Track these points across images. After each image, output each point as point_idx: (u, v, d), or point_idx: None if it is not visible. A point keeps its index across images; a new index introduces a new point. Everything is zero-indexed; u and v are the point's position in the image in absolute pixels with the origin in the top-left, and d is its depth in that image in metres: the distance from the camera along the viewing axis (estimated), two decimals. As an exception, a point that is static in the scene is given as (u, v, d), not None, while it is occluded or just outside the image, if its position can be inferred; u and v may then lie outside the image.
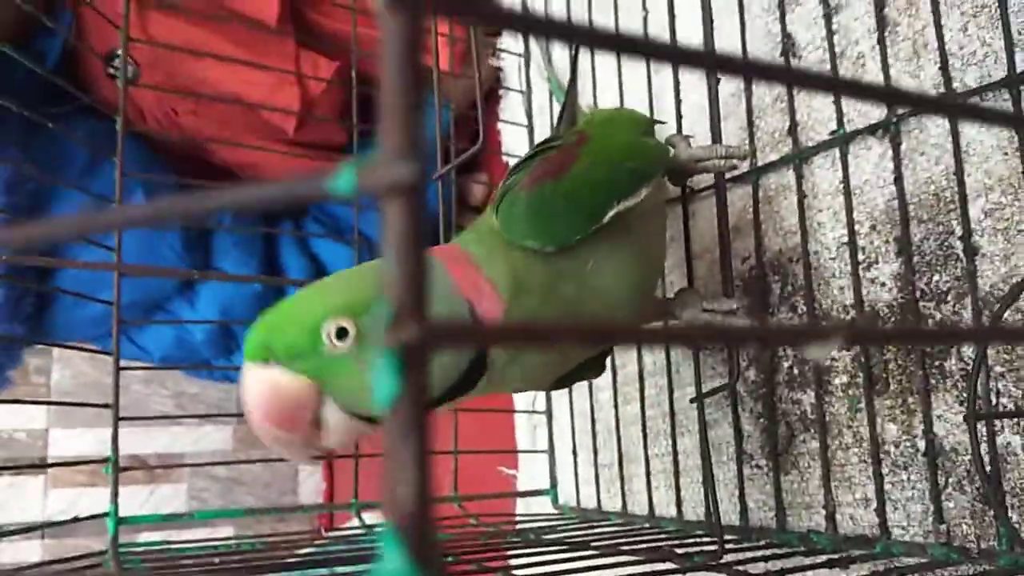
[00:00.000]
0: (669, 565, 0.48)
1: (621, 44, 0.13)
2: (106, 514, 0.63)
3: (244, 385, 0.36)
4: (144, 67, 0.76)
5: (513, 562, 0.54)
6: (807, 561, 0.47)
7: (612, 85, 0.72)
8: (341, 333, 0.35)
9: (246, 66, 0.79)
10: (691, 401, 0.55)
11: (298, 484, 1.54)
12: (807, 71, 0.35)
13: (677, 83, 0.64)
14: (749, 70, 0.17)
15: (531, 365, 0.40)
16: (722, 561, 0.48)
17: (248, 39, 0.80)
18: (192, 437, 1.45)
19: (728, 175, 0.59)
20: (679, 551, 0.51)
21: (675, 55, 0.14)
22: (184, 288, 0.92)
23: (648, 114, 0.64)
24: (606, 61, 0.73)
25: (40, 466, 0.70)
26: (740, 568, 0.45)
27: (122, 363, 0.68)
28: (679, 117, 0.60)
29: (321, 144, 0.92)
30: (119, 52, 0.82)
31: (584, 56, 0.77)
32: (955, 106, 0.13)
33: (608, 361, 0.72)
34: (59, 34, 0.81)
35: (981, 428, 0.42)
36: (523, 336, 0.10)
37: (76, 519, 0.62)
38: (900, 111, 0.48)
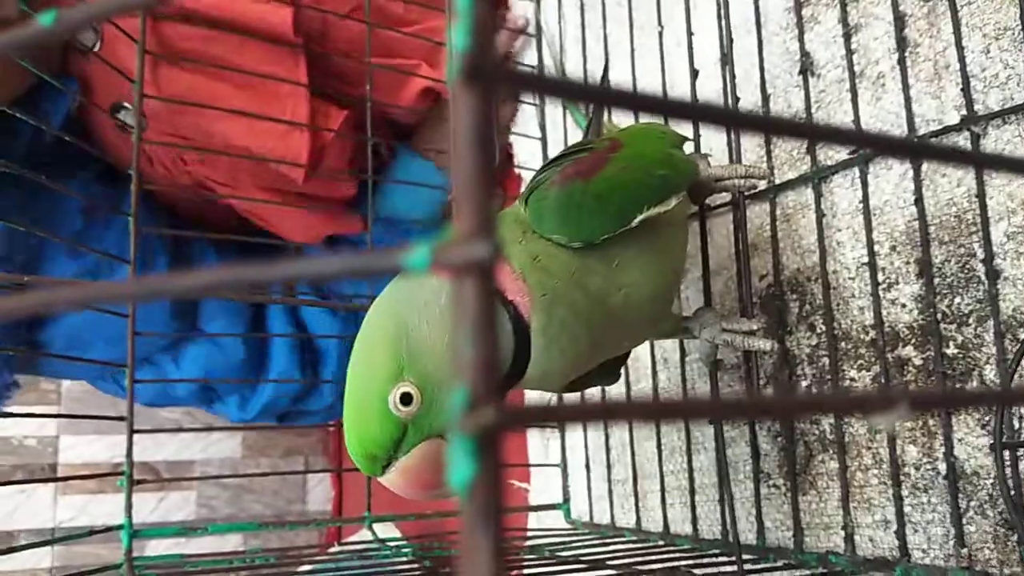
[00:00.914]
0: None
1: (670, 108, 0.13)
2: (120, 526, 0.63)
3: (390, 487, 0.40)
4: (150, 118, 0.76)
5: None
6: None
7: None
8: (405, 399, 0.37)
9: (255, 117, 0.79)
10: (709, 421, 0.54)
11: (307, 493, 1.54)
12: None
13: (694, 98, 0.64)
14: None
15: (558, 360, 0.40)
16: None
17: (257, 90, 0.80)
18: (201, 445, 1.45)
19: (749, 194, 0.59)
20: (696, 571, 0.51)
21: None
22: (170, 347, 0.92)
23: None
24: (622, 75, 0.73)
25: (53, 479, 0.70)
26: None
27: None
28: (697, 134, 0.60)
29: (329, 196, 0.91)
30: (125, 104, 0.82)
31: (598, 70, 0.78)
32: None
33: (623, 377, 0.72)
34: (66, 95, 0.81)
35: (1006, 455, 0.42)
36: (600, 415, 0.10)
37: (92, 531, 0.62)
38: (921, 132, 0.48)
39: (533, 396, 0.80)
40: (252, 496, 1.50)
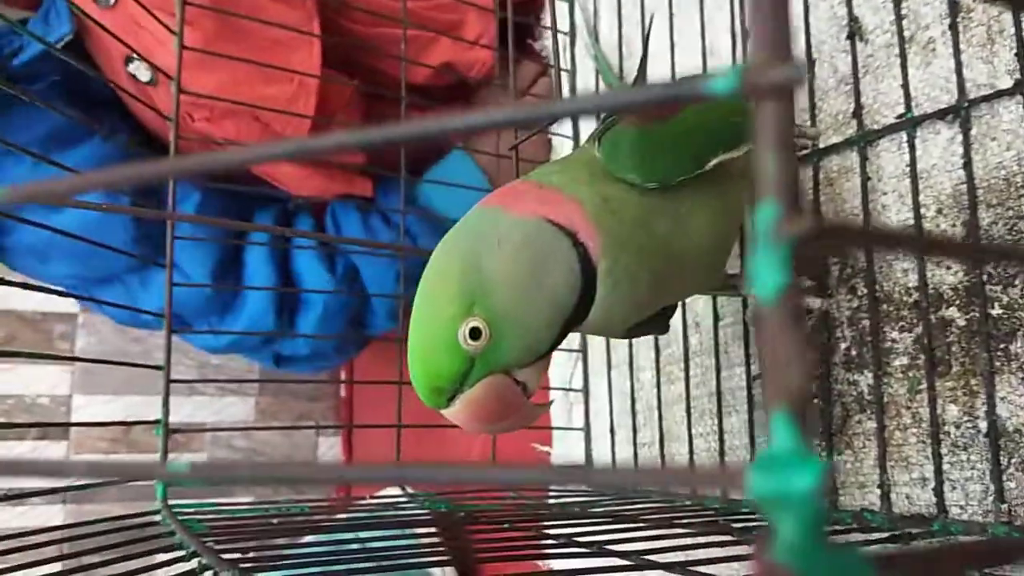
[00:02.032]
0: (728, 538, 0.49)
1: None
2: (156, 475, 0.64)
3: (455, 420, 0.41)
4: (161, 74, 0.76)
5: (559, 531, 0.54)
6: (864, 537, 0.47)
7: (665, 63, 0.72)
8: (474, 333, 0.38)
9: (261, 78, 0.79)
10: (754, 379, 0.55)
11: (317, 457, 1.55)
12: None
13: (734, 63, 0.64)
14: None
15: (619, 305, 0.41)
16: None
17: (270, 54, 0.79)
18: (214, 407, 1.46)
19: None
20: (735, 525, 0.52)
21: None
22: (138, 267, 0.90)
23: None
24: (659, 40, 0.73)
25: (91, 424, 0.71)
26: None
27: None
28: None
29: (340, 163, 0.90)
30: (137, 56, 0.81)
31: (636, 37, 0.78)
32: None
33: (652, 340, 0.73)
34: (65, 18, 0.80)
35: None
36: (907, 243, 0.11)
37: (128, 479, 0.62)
38: (972, 96, 0.49)
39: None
40: (263, 459, 1.50)
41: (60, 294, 0.64)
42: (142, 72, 0.81)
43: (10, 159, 0.81)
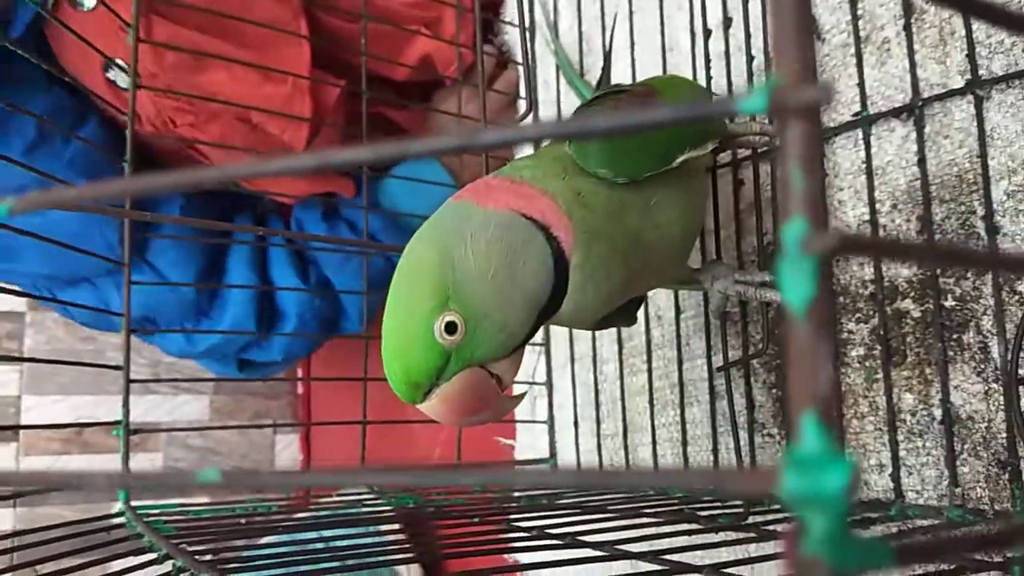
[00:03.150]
0: (695, 526, 0.50)
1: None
2: (117, 476, 0.63)
3: (430, 414, 0.41)
4: (145, 78, 0.74)
5: (530, 524, 0.55)
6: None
7: (625, 60, 0.73)
8: (450, 328, 0.38)
9: (258, 76, 0.77)
10: (718, 370, 0.56)
11: (275, 455, 1.54)
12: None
13: (694, 63, 0.65)
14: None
15: (592, 296, 0.42)
16: (748, 522, 0.50)
17: (261, 51, 0.78)
18: (168, 407, 1.44)
19: (744, 152, 0.61)
20: (701, 514, 0.53)
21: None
22: (113, 271, 0.88)
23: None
24: (620, 37, 0.74)
25: (53, 427, 0.69)
26: (767, 528, 0.48)
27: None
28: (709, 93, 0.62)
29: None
30: (117, 62, 0.80)
31: (596, 33, 0.78)
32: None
33: (615, 332, 0.74)
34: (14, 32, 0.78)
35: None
36: (922, 252, 0.12)
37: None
38: (925, 95, 0.50)
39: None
40: (219, 458, 1.49)
41: (18, 294, 0.62)
42: (122, 78, 0.79)
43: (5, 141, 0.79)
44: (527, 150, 0.86)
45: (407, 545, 0.74)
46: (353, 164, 0.13)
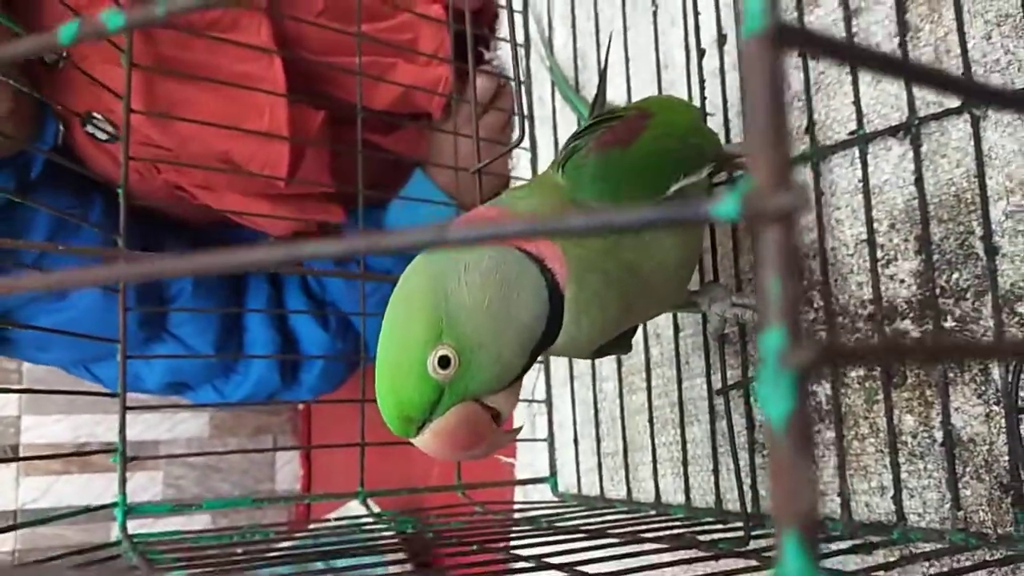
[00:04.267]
0: (695, 553, 0.50)
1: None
2: (114, 504, 0.62)
3: (425, 449, 0.40)
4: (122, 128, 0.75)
5: (532, 551, 0.55)
6: (831, 547, 0.49)
7: (620, 76, 0.73)
8: (443, 362, 0.38)
9: (234, 115, 0.78)
10: (717, 393, 0.56)
11: (275, 472, 1.53)
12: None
13: (689, 80, 0.65)
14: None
15: (587, 328, 0.41)
16: (749, 548, 0.49)
17: (235, 91, 0.78)
18: (167, 425, 1.43)
19: (741, 172, 0.61)
20: (701, 538, 0.52)
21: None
22: (139, 345, 0.92)
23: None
24: (614, 53, 0.74)
25: (46, 457, 0.69)
26: (768, 555, 0.47)
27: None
28: (703, 115, 0.61)
29: (310, 194, 0.90)
30: (95, 115, 0.80)
31: (591, 49, 0.78)
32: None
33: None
34: (52, 123, 0.80)
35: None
36: (924, 353, 0.11)
37: (88, 508, 0.61)
38: (922, 114, 0.50)
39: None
40: (220, 476, 1.48)
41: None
42: (100, 132, 0.79)
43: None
44: (526, 168, 0.85)
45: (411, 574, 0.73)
46: (325, 255, 0.12)
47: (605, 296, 0.41)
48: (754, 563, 0.46)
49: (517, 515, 0.71)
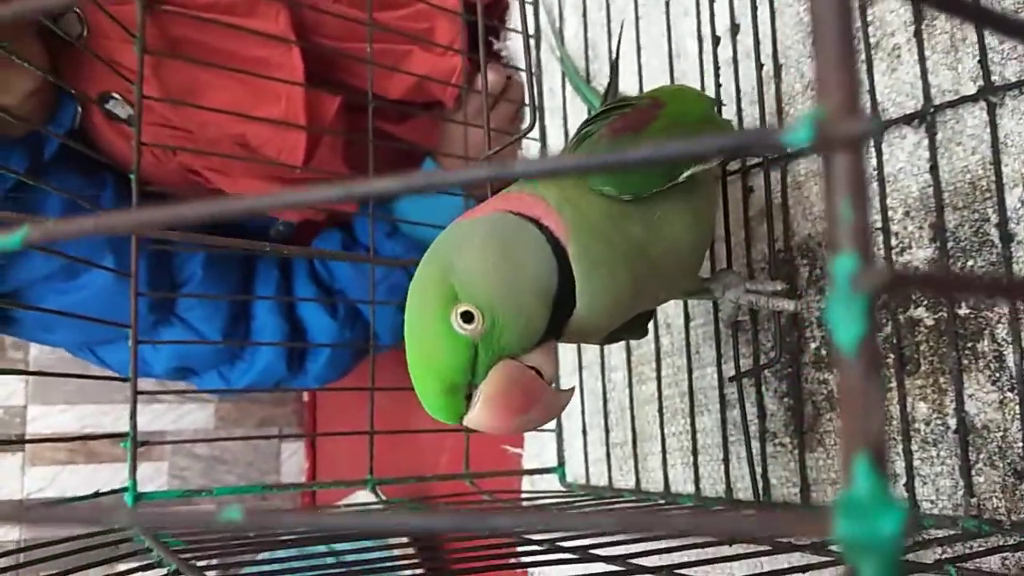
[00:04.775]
0: (708, 539, 0.50)
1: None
2: (125, 489, 0.63)
3: (478, 426, 0.39)
4: (144, 109, 0.75)
5: (542, 536, 0.55)
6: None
7: (632, 66, 0.73)
8: (466, 317, 0.37)
9: (252, 99, 0.78)
10: (730, 379, 0.56)
11: (280, 463, 1.54)
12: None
13: (702, 69, 0.65)
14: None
15: (605, 290, 0.41)
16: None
17: (256, 80, 0.78)
18: (173, 416, 1.44)
19: (754, 160, 0.61)
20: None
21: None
22: (147, 330, 0.93)
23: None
24: (626, 44, 0.74)
25: (60, 439, 0.69)
26: (782, 541, 0.47)
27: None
28: (718, 102, 0.61)
29: (324, 180, 0.91)
30: (113, 94, 0.80)
31: (602, 39, 0.78)
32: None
33: (624, 342, 0.73)
34: (71, 105, 0.80)
35: None
36: (979, 286, 0.11)
37: (98, 494, 0.61)
38: (937, 102, 0.50)
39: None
40: (225, 467, 1.49)
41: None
42: (120, 109, 0.79)
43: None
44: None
45: (416, 560, 0.73)
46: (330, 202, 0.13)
47: (612, 261, 0.41)
48: (767, 548, 0.46)
49: (525, 504, 0.71)
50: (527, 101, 0.80)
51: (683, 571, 0.41)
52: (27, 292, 0.86)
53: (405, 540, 0.70)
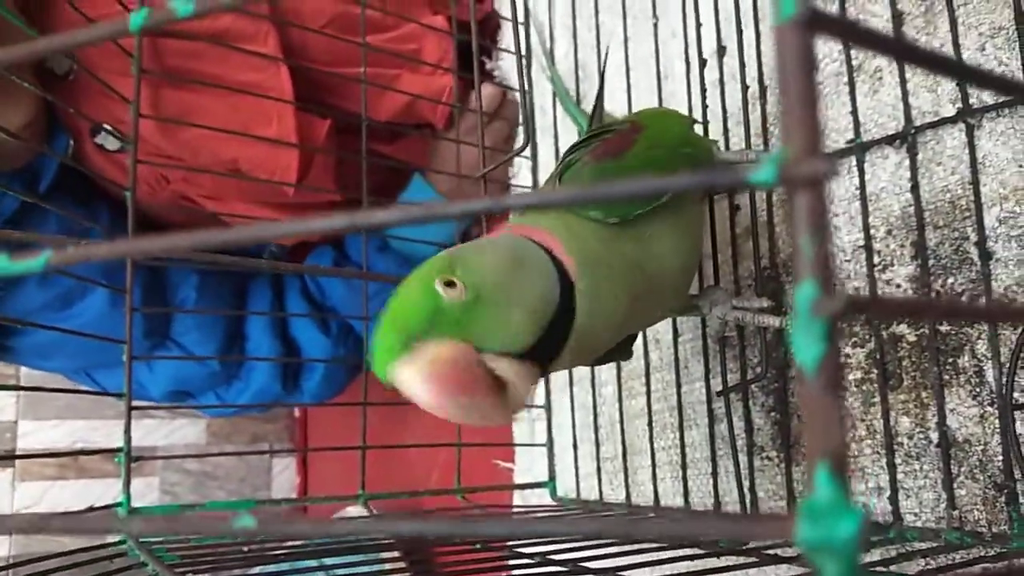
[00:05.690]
0: (696, 551, 0.51)
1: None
2: (119, 504, 0.63)
3: (406, 381, 0.37)
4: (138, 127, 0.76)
5: (533, 550, 0.55)
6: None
7: (621, 87, 0.74)
8: (450, 284, 0.37)
9: (243, 122, 0.79)
10: (718, 394, 0.57)
11: (272, 479, 1.54)
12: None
13: (689, 90, 0.66)
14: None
15: (605, 318, 0.42)
16: (749, 546, 0.50)
17: (243, 100, 0.80)
18: (164, 431, 1.44)
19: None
20: (701, 538, 0.53)
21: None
22: (146, 354, 0.94)
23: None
24: (614, 64, 0.75)
25: (51, 455, 0.69)
26: (768, 553, 0.48)
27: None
28: (705, 121, 0.63)
29: (317, 204, 0.92)
30: (105, 127, 0.81)
31: (591, 60, 0.79)
32: None
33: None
34: (62, 138, 0.82)
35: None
36: (940, 311, 0.12)
37: (92, 508, 0.62)
38: (917, 123, 0.51)
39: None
40: (216, 483, 1.48)
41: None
42: (110, 142, 0.80)
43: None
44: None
45: (406, 573, 0.74)
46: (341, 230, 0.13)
47: (614, 286, 0.42)
48: (754, 559, 0.47)
49: (516, 518, 0.72)
50: (522, 119, 0.82)
51: (672, 583, 0.41)
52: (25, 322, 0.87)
53: (396, 554, 0.70)
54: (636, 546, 0.51)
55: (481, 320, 0.37)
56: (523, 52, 0.86)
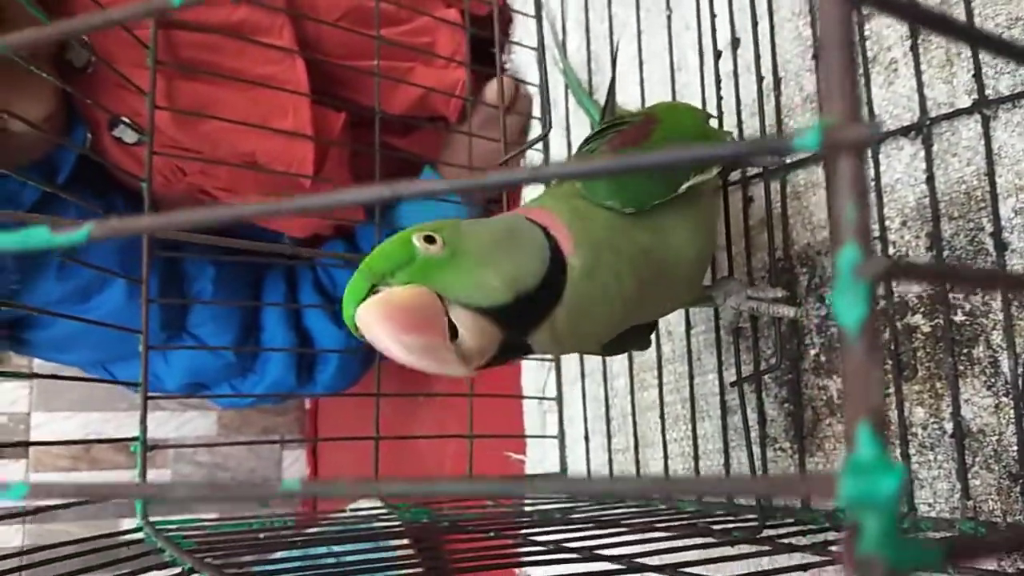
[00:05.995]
0: (709, 540, 0.51)
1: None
2: (135, 492, 0.63)
3: (362, 318, 0.37)
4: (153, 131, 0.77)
5: (547, 538, 0.56)
6: (841, 535, 0.50)
7: (634, 79, 0.74)
8: (429, 240, 0.38)
9: (260, 115, 0.80)
10: (732, 385, 0.57)
11: (282, 471, 1.54)
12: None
13: (703, 81, 0.66)
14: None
15: (596, 315, 0.42)
16: (762, 536, 0.50)
17: (259, 93, 0.80)
18: (175, 423, 1.45)
19: (754, 171, 0.62)
20: (715, 527, 0.54)
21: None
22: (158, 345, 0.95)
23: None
24: (627, 56, 0.75)
25: (72, 442, 0.70)
26: (782, 542, 0.48)
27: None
28: (720, 114, 0.63)
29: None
30: (123, 119, 0.82)
31: (604, 52, 0.80)
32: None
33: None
34: (80, 129, 0.82)
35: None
36: (977, 279, 0.12)
37: (107, 497, 0.62)
38: (933, 114, 0.51)
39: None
40: (227, 474, 1.49)
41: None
42: (128, 134, 0.81)
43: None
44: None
45: (417, 560, 0.74)
46: (364, 202, 0.14)
47: (618, 267, 0.42)
48: (768, 548, 0.47)
49: (528, 508, 0.72)
50: (536, 113, 0.82)
51: (687, 570, 0.42)
52: (41, 316, 0.87)
53: (406, 540, 0.71)
54: (646, 535, 0.52)
55: (450, 272, 0.38)
56: (539, 45, 0.87)
